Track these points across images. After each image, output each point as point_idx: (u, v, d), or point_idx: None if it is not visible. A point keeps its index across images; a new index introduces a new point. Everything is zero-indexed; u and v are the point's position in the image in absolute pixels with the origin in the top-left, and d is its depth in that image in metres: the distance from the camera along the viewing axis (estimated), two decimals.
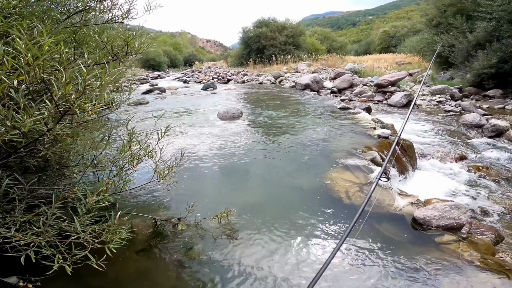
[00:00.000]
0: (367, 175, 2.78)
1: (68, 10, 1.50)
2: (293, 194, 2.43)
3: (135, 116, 5.69)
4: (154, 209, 2.15)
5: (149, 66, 31.19)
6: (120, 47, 1.48)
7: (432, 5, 11.85)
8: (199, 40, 79.28)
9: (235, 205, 2.14)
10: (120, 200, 2.14)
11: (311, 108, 6.06)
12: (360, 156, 3.21)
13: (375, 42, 33.59)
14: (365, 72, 11.32)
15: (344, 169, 2.88)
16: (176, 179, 2.65)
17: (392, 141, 3.87)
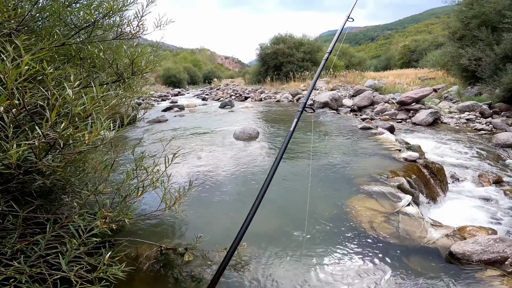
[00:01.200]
0: (393, 203, 2.53)
1: (76, 26, 1.43)
2: (312, 223, 2.23)
3: (151, 136, 5.74)
4: (162, 236, 2.03)
5: (170, 83, 32.36)
6: (126, 66, 1.40)
7: (455, 17, 11.43)
8: (218, 57, 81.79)
9: (248, 235, 1.98)
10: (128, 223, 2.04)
11: (330, 128, 5.85)
12: (385, 182, 2.95)
13: (395, 57, 33.00)
14: (386, 89, 10.96)
15: (367, 196, 2.65)
16: (186, 205, 2.55)
17: (420, 165, 3.60)
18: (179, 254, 1.77)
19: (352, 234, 2.09)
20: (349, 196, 2.66)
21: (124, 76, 1.41)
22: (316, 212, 2.41)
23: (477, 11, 9.77)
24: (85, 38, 1.46)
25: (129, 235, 1.94)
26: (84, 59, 1.42)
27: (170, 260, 1.78)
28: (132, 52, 1.39)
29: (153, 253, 1.81)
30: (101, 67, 1.44)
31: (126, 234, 1.97)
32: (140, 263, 1.74)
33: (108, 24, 1.45)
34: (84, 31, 1.48)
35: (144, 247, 1.85)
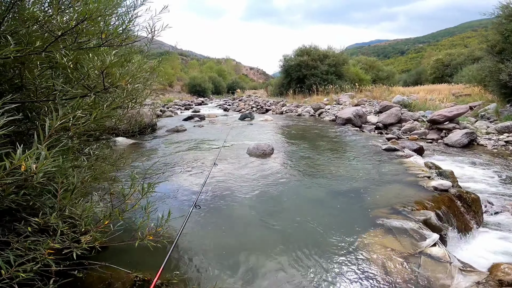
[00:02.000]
0: (416, 243, 2.16)
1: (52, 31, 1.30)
2: (318, 262, 1.93)
3: (165, 147, 5.69)
4: (143, 263, 1.83)
5: (195, 92, 33.25)
6: (97, 78, 1.24)
7: (494, 30, 10.62)
8: (243, 67, 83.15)
9: (245, 273, 1.75)
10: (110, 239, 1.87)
11: (351, 148, 5.47)
12: (409, 215, 2.57)
13: (427, 71, 31.42)
14: (416, 106, 10.27)
15: (385, 232, 2.31)
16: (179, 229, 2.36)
17: (452, 195, 3.16)
18: None
19: (359, 278, 1.78)
20: (363, 230, 2.34)
21: (94, 89, 1.25)
22: (322, 245, 2.12)
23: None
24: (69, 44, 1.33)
25: (109, 257, 1.78)
26: (57, 68, 1.29)
27: None
28: (102, 61, 1.22)
29: (127, 283, 1.62)
30: (76, 79, 1.30)
31: (107, 255, 1.81)
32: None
33: (90, 31, 1.31)
34: (68, 37, 1.36)
35: (120, 273, 1.68)
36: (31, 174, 0.82)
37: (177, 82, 36.27)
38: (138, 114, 2.76)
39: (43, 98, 1.32)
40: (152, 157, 4.89)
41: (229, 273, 1.81)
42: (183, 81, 36.91)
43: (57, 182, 1.10)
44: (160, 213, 1.51)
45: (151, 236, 1.33)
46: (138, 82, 1.75)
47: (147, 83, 2.07)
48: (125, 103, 1.86)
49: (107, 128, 2.59)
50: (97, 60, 1.29)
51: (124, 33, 1.45)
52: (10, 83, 1.46)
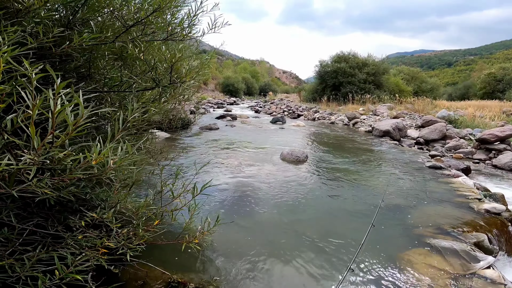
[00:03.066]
0: (467, 264, 2.03)
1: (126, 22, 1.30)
2: (355, 278, 1.81)
3: (199, 144, 5.81)
4: (180, 264, 1.85)
5: (228, 91, 33.85)
6: (165, 72, 1.23)
7: None
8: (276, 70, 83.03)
9: (276, 282, 1.69)
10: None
11: (390, 161, 5.17)
12: (459, 237, 2.43)
13: (476, 85, 29.02)
14: (463, 122, 9.50)
15: (431, 252, 2.18)
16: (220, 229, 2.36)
17: (505, 219, 2.97)
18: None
19: None
20: (407, 248, 2.21)
21: (161, 83, 1.25)
22: (361, 263, 1.99)
23: None
24: (136, 35, 1.33)
25: (146, 255, 1.80)
26: (125, 59, 1.30)
27: None
28: (172, 55, 1.20)
29: (163, 282, 1.63)
30: (142, 71, 1.31)
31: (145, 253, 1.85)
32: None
33: (157, 23, 1.30)
34: (136, 28, 1.36)
35: (155, 273, 1.69)
36: (109, 169, 0.83)
37: (211, 80, 37.19)
38: (182, 109, 2.80)
39: (107, 89, 1.36)
40: (188, 154, 5.02)
41: (259, 281, 1.77)
42: (217, 80, 37.76)
43: (116, 176, 1.11)
44: (200, 215, 1.48)
45: (197, 240, 1.31)
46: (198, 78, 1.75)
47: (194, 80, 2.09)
48: (178, 98, 1.89)
49: (154, 121, 2.67)
50: (167, 53, 1.27)
51: (189, 27, 1.43)
52: (77, 71, 1.50)
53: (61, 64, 1.46)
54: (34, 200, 1.00)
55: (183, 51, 1.57)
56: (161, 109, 1.39)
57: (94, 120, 1.37)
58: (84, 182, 1.19)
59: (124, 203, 1.29)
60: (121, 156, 0.75)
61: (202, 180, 3.61)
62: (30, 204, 1.15)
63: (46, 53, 1.23)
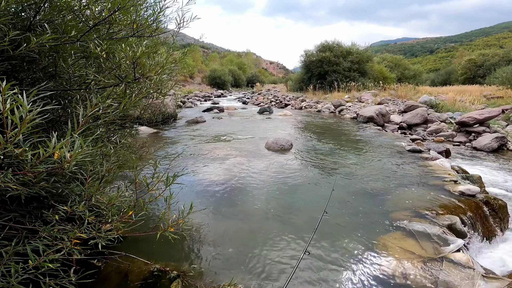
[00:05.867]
0: (438, 248, 2.07)
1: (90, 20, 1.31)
2: (330, 261, 1.88)
3: (184, 137, 5.77)
4: (162, 253, 1.87)
5: (215, 84, 33.49)
6: (129, 68, 1.25)
7: None
8: (263, 61, 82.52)
9: (260, 269, 1.74)
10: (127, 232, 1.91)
11: (373, 146, 5.29)
12: (432, 219, 2.47)
13: (458, 71, 29.82)
14: (443, 106, 9.77)
15: (405, 235, 2.23)
16: (203, 217, 2.38)
17: (479, 201, 3.03)
18: (170, 279, 1.58)
19: (376, 281, 1.72)
20: (383, 232, 2.27)
21: (125, 79, 1.26)
22: (340, 245, 2.08)
23: None
24: (101, 34, 1.34)
25: (128, 247, 1.82)
26: (88, 58, 1.31)
27: (159, 284, 1.60)
28: (134, 51, 1.22)
29: (145, 272, 1.65)
30: (108, 68, 1.31)
31: (126, 245, 1.86)
32: (127, 282, 1.59)
33: (122, 21, 1.31)
34: (101, 27, 1.37)
35: (138, 263, 1.71)
36: (66, 162, 0.83)
37: (197, 74, 36.71)
38: (162, 104, 2.80)
39: (75, 87, 1.35)
40: (173, 147, 4.98)
41: (244, 268, 1.80)
42: (203, 73, 37.28)
43: (86, 170, 1.12)
44: (180, 204, 1.51)
45: (172, 228, 1.33)
46: (165, 73, 1.77)
47: (172, 74, 2.09)
48: (151, 93, 1.90)
49: (132, 117, 2.65)
50: (129, 51, 1.29)
51: (155, 24, 1.45)
52: (45, 71, 1.50)
53: (29, 64, 1.45)
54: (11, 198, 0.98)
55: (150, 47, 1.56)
56: (133, 104, 1.38)
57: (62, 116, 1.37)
58: (54, 177, 1.19)
59: (99, 195, 1.29)
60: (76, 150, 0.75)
61: (185, 171, 3.61)
62: (6, 202, 1.14)
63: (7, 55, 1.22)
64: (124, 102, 1.37)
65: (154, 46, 1.94)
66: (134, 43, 1.44)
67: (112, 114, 1.33)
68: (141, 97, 1.61)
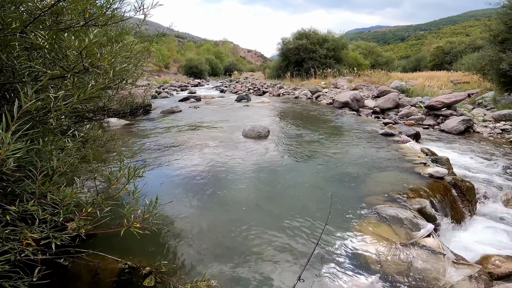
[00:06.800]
0: (410, 233, 2.10)
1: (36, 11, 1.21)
2: (307, 250, 1.90)
3: (158, 128, 5.57)
4: (133, 250, 1.80)
5: (191, 73, 32.59)
6: (76, 59, 1.16)
7: (498, 20, 10.42)
8: (241, 50, 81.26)
9: (238, 261, 1.71)
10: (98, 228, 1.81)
11: (347, 131, 5.40)
12: (404, 204, 2.50)
13: (427, 58, 31.18)
14: (414, 91, 10.18)
15: (380, 221, 2.25)
16: (173, 211, 2.30)
17: (448, 183, 3.11)
18: (143, 276, 1.52)
19: (351, 268, 1.75)
20: (359, 218, 2.29)
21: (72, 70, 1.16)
22: (317, 232, 2.07)
23: None
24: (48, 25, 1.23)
25: (97, 245, 1.73)
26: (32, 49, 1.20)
27: (132, 281, 1.54)
28: (80, 41, 1.14)
29: (116, 270, 1.58)
30: (54, 59, 1.21)
31: (95, 243, 1.77)
32: (98, 280, 1.51)
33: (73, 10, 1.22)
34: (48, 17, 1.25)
35: (109, 261, 1.63)
36: None
37: (173, 63, 35.53)
38: (129, 94, 2.67)
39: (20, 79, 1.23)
40: (147, 139, 4.78)
41: (221, 261, 1.76)
42: (179, 62, 36.13)
43: (36, 166, 1.02)
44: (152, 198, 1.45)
45: (138, 224, 1.26)
46: (128, 62, 1.67)
47: (138, 64, 1.98)
48: (115, 83, 1.78)
49: (98, 108, 2.50)
50: (74, 40, 1.20)
51: (111, 12, 1.37)
52: None
53: None
54: None
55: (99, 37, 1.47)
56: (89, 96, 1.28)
57: None
58: None
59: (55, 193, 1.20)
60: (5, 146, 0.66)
61: (158, 164, 3.48)
62: None
63: None
64: (78, 93, 1.27)
65: (119, 35, 1.82)
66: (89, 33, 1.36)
67: (64, 107, 1.23)
68: (98, 88, 1.51)
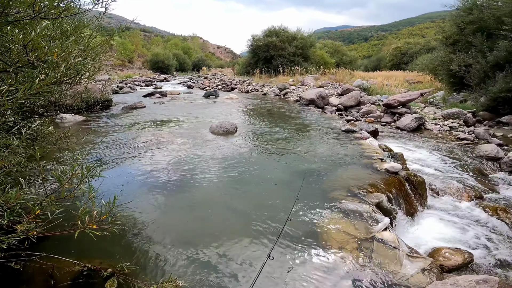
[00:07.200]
0: (369, 227, 2.21)
1: None
2: (279, 246, 1.93)
3: (119, 125, 5.29)
4: (94, 251, 1.72)
5: (157, 68, 31.34)
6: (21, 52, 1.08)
7: (451, 22, 11.15)
8: (210, 45, 79.78)
9: (204, 262, 1.70)
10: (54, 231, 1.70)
11: (313, 128, 5.59)
12: (364, 198, 2.64)
13: (386, 58, 33.13)
14: (374, 90, 10.81)
15: (342, 216, 2.34)
16: (136, 210, 2.22)
17: (402, 177, 3.33)
18: (104, 278, 1.46)
19: (320, 262, 1.82)
20: (323, 212, 2.36)
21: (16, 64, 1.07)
22: (287, 226, 2.13)
23: (475, 17, 9.49)
24: None
25: (51, 247, 1.62)
26: None
27: (92, 284, 1.46)
28: (24, 34, 1.06)
29: (74, 272, 1.50)
30: None
31: (49, 245, 1.65)
32: (54, 283, 1.43)
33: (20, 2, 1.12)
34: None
35: (65, 263, 1.53)
36: None
37: (137, 58, 33.93)
38: (86, 89, 2.51)
39: None
40: (105, 136, 4.52)
41: (187, 260, 1.74)
42: (144, 57, 34.58)
43: None
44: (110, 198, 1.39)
45: (94, 225, 1.20)
46: (84, 56, 1.58)
47: (96, 58, 1.87)
48: (68, 78, 1.67)
49: (49, 104, 2.32)
50: (18, 34, 1.10)
51: (64, 5, 1.28)
52: None
53: None
54: None
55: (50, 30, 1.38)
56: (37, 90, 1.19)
57: None
58: None
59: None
60: None
61: (119, 162, 3.32)
62: None
63: None
64: (23, 88, 1.17)
65: (75, 29, 1.71)
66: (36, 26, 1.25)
67: (7, 102, 1.13)
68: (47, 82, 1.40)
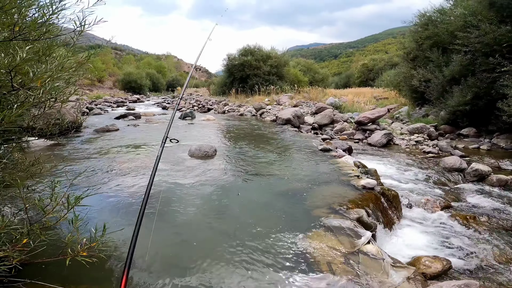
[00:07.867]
0: (353, 241, 2.29)
1: None
2: (263, 268, 1.93)
3: (92, 149, 5.07)
4: (79, 277, 1.67)
5: (129, 88, 30.66)
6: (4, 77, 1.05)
7: (410, 38, 11.66)
8: (185, 65, 79.89)
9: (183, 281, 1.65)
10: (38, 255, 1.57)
11: (290, 148, 5.72)
12: (345, 214, 2.74)
13: (355, 75, 34.68)
14: (345, 107, 11.34)
15: (326, 232, 2.40)
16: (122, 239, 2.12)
17: (377, 192, 3.50)
18: None
19: (306, 278, 1.84)
20: (308, 230, 2.41)
21: None
22: (269, 248, 2.13)
23: (431, 32, 9.95)
24: None
25: (35, 273, 1.56)
26: None
27: None
28: (9, 59, 1.04)
29: None
30: None
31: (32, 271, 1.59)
32: None
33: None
34: None
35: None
36: None
37: (108, 77, 33.02)
38: (58, 113, 2.41)
39: None
40: (79, 162, 4.29)
41: (174, 281, 1.71)
42: (115, 76, 33.74)
43: None
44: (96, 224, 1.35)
45: (84, 252, 1.17)
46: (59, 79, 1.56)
47: (71, 81, 1.84)
48: (42, 102, 1.62)
49: (20, 129, 2.22)
50: (3, 58, 1.07)
51: (44, 27, 1.26)
52: None
53: None
54: None
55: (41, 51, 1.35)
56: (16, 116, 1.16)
57: None
58: None
59: None
60: None
61: (97, 188, 3.17)
62: None
63: None
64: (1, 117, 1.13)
65: (48, 48, 1.68)
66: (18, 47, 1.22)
67: None
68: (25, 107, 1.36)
